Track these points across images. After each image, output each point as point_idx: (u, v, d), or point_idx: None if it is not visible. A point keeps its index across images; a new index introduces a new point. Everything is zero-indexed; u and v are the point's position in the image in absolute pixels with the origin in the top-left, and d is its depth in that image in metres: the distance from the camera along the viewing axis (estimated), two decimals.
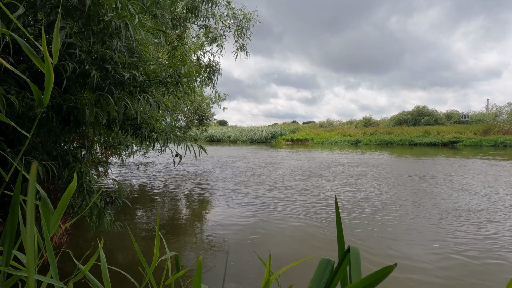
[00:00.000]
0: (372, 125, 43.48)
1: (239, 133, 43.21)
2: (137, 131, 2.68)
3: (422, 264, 3.19)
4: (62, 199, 0.61)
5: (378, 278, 0.46)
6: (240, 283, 2.78)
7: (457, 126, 33.83)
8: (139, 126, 2.66)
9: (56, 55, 0.58)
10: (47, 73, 0.55)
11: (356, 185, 7.81)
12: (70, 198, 0.63)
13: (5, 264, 0.54)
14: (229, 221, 4.60)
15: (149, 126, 2.71)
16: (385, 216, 4.89)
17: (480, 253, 3.47)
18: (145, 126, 2.69)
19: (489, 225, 4.47)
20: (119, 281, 2.49)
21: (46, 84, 0.57)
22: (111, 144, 4.58)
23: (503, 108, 37.37)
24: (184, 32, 3.75)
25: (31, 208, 0.42)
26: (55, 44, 0.58)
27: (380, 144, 32.13)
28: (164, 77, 2.63)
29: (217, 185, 7.77)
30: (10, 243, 0.55)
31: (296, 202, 5.90)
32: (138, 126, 2.67)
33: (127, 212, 5.02)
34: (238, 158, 15.87)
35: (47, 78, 0.56)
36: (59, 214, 0.60)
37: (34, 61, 0.56)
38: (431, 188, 7.35)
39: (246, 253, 3.43)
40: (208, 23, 4.25)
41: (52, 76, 0.56)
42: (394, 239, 3.89)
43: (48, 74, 0.55)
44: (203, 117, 11.20)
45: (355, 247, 0.53)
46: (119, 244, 3.67)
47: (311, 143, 36.39)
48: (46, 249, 0.56)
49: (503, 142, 26.49)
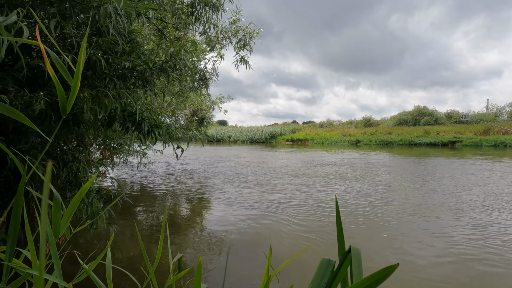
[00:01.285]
0: (372, 125, 43.47)
1: (239, 133, 43.17)
2: (139, 126, 2.66)
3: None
4: (72, 201, 0.61)
5: (380, 278, 0.45)
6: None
7: (457, 126, 33.81)
8: (139, 122, 2.65)
9: (80, 68, 0.60)
10: (73, 86, 0.57)
11: (333, 183, 8.11)
12: (80, 200, 0.63)
13: (8, 261, 0.54)
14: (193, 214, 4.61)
15: (150, 120, 2.69)
16: (354, 210, 5.01)
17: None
18: (146, 121, 2.67)
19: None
20: (117, 280, 2.49)
21: (71, 94, 0.58)
22: (111, 145, 4.58)
23: (503, 108, 37.37)
24: (184, 36, 3.73)
25: (45, 208, 0.42)
26: (81, 56, 0.60)
27: (380, 144, 32.12)
28: (163, 62, 2.57)
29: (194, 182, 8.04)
30: (12, 242, 0.54)
31: (262, 199, 6.17)
32: (138, 122, 2.65)
33: (125, 211, 5.01)
34: (228, 158, 15.98)
35: (73, 88, 0.58)
36: (69, 215, 0.60)
37: (62, 73, 0.58)
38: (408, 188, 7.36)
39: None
40: (209, 32, 4.19)
41: (78, 85, 0.57)
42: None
43: (75, 86, 0.57)
44: (203, 118, 11.18)
45: (356, 247, 0.53)
46: (119, 244, 3.67)
47: (311, 143, 36.37)
48: (51, 250, 0.56)
49: (503, 142, 26.48)
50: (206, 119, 11.29)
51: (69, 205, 0.60)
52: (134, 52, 2.41)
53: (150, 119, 2.70)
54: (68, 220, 0.60)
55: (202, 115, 10.96)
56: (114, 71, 2.31)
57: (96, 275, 0.75)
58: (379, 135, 34.61)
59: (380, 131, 36.33)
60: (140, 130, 2.65)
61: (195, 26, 3.88)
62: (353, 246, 0.53)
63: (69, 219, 0.60)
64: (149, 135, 2.71)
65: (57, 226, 0.57)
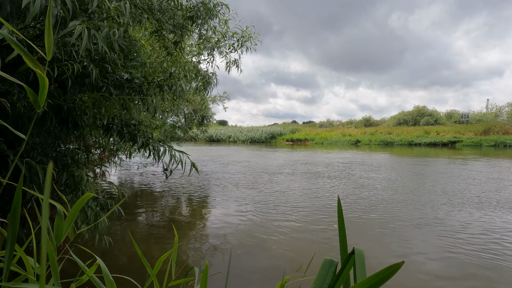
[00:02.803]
0: (372, 125, 43.47)
1: (239, 133, 43.15)
2: (134, 138, 2.66)
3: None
4: (74, 206, 0.60)
5: (384, 277, 0.44)
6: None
7: (457, 126, 33.82)
8: (134, 134, 2.65)
9: (50, 51, 0.53)
10: (39, 76, 0.51)
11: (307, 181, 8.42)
12: (82, 206, 0.63)
13: (7, 265, 0.53)
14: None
15: (145, 134, 2.68)
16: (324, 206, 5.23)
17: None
18: (141, 134, 2.67)
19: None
20: (117, 280, 2.48)
21: (40, 86, 0.52)
22: (109, 147, 4.57)
23: (503, 108, 37.36)
24: (181, 39, 3.71)
25: (45, 210, 0.41)
26: (48, 37, 0.52)
27: (380, 144, 32.12)
28: (161, 79, 2.61)
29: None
30: (11, 246, 0.54)
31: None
32: (134, 134, 2.65)
33: (126, 213, 5.00)
34: (215, 158, 16.08)
35: (41, 82, 0.52)
36: (71, 220, 0.59)
37: (26, 62, 0.51)
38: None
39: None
40: (206, 34, 4.15)
41: (46, 81, 0.52)
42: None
43: (42, 78, 0.51)
44: (203, 117, 11.15)
45: (360, 248, 0.53)
46: (119, 244, 3.66)
47: (311, 143, 36.36)
48: (48, 256, 0.55)
49: (503, 142, 26.49)
50: (207, 117, 11.26)
51: (71, 211, 0.59)
52: (132, 64, 2.43)
53: (146, 132, 2.70)
54: (70, 225, 0.60)
55: (202, 114, 10.93)
56: (112, 81, 2.31)
57: (96, 277, 0.75)
58: (379, 135, 34.60)
59: (380, 131, 36.34)
60: (135, 142, 2.64)
61: (193, 28, 3.86)
62: (356, 248, 0.52)
63: (70, 224, 0.60)
64: (142, 149, 2.70)
65: (60, 232, 0.56)
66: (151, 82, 2.59)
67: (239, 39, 4.41)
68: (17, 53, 2.18)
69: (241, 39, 4.41)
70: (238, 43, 4.43)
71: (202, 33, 4.17)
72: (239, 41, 4.42)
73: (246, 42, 4.43)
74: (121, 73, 2.32)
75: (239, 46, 4.44)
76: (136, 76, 2.38)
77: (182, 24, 3.62)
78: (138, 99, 2.46)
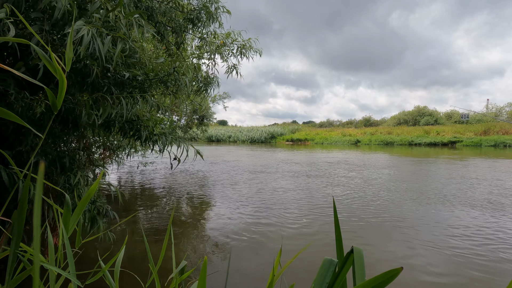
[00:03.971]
0: (372, 125, 43.50)
1: (239, 133, 43.13)
2: (137, 133, 2.67)
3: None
4: (81, 202, 0.64)
5: (383, 281, 0.45)
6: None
7: (457, 126, 33.81)
8: (138, 128, 2.65)
9: (69, 63, 0.60)
10: (60, 80, 0.57)
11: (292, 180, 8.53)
12: (88, 201, 0.66)
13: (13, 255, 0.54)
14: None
15: (148, 128, 2.70)
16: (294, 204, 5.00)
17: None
18: (144, 128, 2.68)
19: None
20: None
21: (59, 90, 0.59)
22: (109, 146, 4.57)
23: (503, 108, 37.38)
24: (182, 41, 3.72)
25: (38, 204, 0.42)
26: (68, 52, 0.60)
27: (380, 144, 32.12)
28: (163, 75, 2.60)
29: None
30: (17, 238, 0.54)
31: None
32: (137, 128, 2.65)
33: (126, 213, 5.01)
34: (209, 158, 16.01)
35: (60, 84, 0.58)
36: (77, 216, 0.63)
37: (50, 69, 0.58)
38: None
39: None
40: (207, 37, 4.17)
41: (65, 82, 0.58)
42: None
43: (61, 81, 0.57)
44: (203, 116, 11.17)
45: (359, 248, 0.53)
46: (119, 244, 3.67)
47: (311, 143, 36.36)
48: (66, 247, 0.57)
49: (503, 142, 26.48)
50: (207, 117, 11.28)
51: (77, 206, 0.63)
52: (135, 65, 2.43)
53: (148, 126, 2.71)
54: (76, 220, 0.63)
55: (202, 113, 10.95)
56: (113, 80, 2.31)
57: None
58: (379, 135, 34.60)
59: (380, 131, 36.34)
60: (138, 136, 2.66)
61: (193, 29, 3.87)
62: (355, 247, 0.52)
63: (77, 219, 0.63)
64: (146, 143, 2.72)
65: (66, 226, 0.59)
66: (153, 79, 2.57)
67: (239, 47, 4.41)
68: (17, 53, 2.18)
69: (240, 47, 4.42)
70: (238, 51, 4.44)
71: (204, 36, 4.18)
72: (239, 49, 4.43)
73: (247, 52, 4.42)
74: (122, 72, 2.32)
75: (239, 54, 4.45)
76: (138, 74, 2.37)
77: (182, 25, 3.63)
78: (137, 96, 2.46)
